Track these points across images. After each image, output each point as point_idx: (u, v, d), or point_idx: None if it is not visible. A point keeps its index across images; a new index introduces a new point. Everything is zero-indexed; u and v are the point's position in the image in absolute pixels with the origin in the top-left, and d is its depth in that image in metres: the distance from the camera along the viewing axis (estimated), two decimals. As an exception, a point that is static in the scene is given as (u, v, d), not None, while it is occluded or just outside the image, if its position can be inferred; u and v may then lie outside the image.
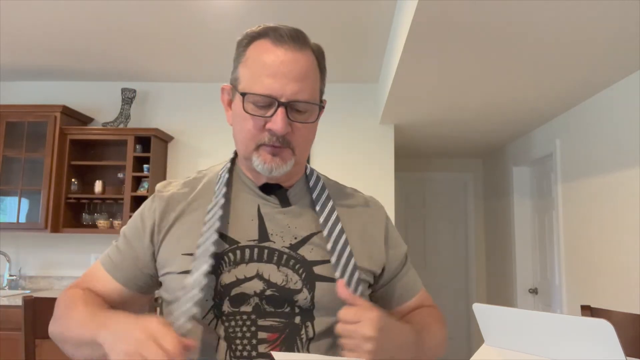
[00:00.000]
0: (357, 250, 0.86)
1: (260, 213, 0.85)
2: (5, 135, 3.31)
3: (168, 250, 0.84)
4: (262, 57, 0.79)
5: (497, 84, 2.55)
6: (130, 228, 0.90)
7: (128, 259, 0.87)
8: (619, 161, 2.49)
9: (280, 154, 0.81)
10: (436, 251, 5.11)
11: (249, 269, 0.80)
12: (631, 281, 2.36)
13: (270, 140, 0.79)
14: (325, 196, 0.90)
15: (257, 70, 0.79)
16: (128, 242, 0.88)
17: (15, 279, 3.47)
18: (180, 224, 0.85)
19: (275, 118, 0.77)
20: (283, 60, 0.78)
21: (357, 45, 2.91)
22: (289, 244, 0.83)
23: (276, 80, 0.77)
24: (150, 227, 0.86)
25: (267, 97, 0.77)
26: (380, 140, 3.61)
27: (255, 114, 0.79)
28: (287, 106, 0.78)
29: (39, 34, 2.85)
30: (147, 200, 0.92)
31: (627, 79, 2.42)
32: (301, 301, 0.80)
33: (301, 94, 0.79)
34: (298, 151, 0.83)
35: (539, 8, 1.69)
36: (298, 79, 0.78)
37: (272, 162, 0.80)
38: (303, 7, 2.44)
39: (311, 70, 0.82)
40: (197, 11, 2.51)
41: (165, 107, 3.70)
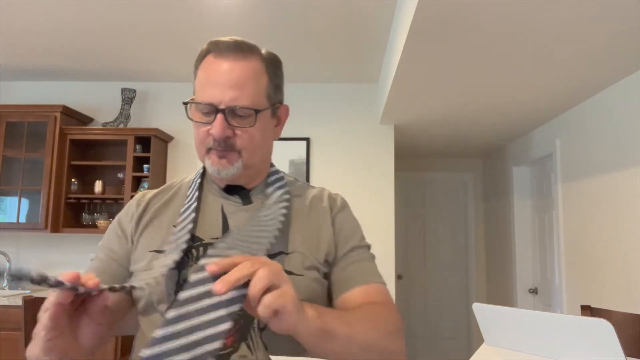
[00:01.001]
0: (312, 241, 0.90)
1: (224, 212, 0.92)
2: (5, 135, 3.31)
3: (140, 248, 0.90)
4: (206, 70, 0.87)
5: (497, 84, 2.55)
6: (109, 237, 0.95)
7: (111, 261, 0.91)
8: (619, 161, 2.49)
9: (227, 157, 0.87)
10: (436, 251, 5.11)
11: None
12: (631, 281, 2.36)
13: (214, 145, 0.86)
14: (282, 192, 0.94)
15: (201, 83, 0.87)
16: (109, 248, 0.93)
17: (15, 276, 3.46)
18: (152, 224, 0.92)
19: (215, 124, 0.84)
20: (220, 71, 0.85)
21: (357, 45, 2.91)
22: None
23: (215, 88, 0.84)
24: (130, 230, 0.93)
25: (208, 105, 0.84)
26: (380, 140, 3.61)
27: (200, 121, 0.86)
28: (226, 112, 0.84)
29: (39, 34, 2.85)
30: (123, 210, 0.99)
31: (627, 79, 2.42)
32: None
33: (240, 100, 0.84)
34: (245, 154, 0.88)
35: (539, 8, 1.69)
36: (236, 86, 0.84)
37: (219, 164, 0.87)
38: (303, 7, 2.44)
39: (251, 77, 0.87)
40: (197, 11, 2.51)
41: (165, 107, 3.70)
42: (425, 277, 5.08)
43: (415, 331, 5.00)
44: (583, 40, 1.97)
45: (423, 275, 5.08)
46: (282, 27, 2.68)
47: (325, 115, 3.64)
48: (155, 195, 0.98)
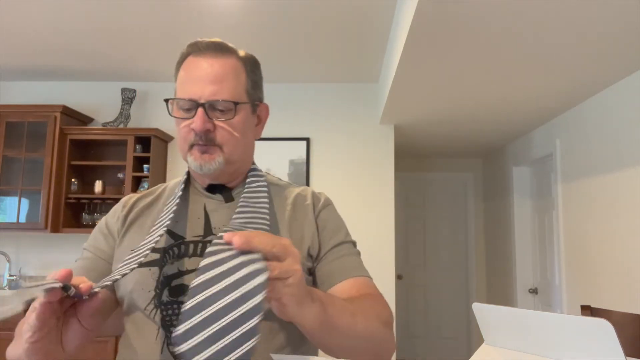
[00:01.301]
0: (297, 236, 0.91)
1: (206, 210, 0.93)
2: (5, 135, 3.31)
3: (123, 248, 0.90)
4: (186, 69, 0.89)
5: (497, 83, 2.55)
6: (96, 238, 0.95)
7: (99, 259, 0.92)
8: (619, 161, 2.49)
9: (208, 152, 0.88)
10: (436, 251, 5.11)
11: (192, 262, 0.85)
12: (631, 281, 2.36)
13: (195, 140, 0.87)
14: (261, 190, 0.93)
15: (181, 81, 0.89)
16: (96, 247, 0.93)
17: (15, 279, 3.47)
18: (136, 225, 0.93)
19: (195, 118, 0.85)
20: (199, 67, 0.88)
21: (357, 45, 2.91)
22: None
23: (195, 84, 0.86)
24: (116, 230, 0.94)
25: (188, 101, 0.86)
26: (380, 140, 3.61)
27: (181, 117, 0.88)
28: (207, 106, 0.85)
29: (39, 34, 2.85)
30: (109, 213, 1.00)
31: (627, 79, 2.42)
32: None
33: (219, 94, 0.86)
34: (226, 149, 0.89)
35: (539, 8, 1.69)
36: (215, 81, 0.86)
37: (201, 159, 0.87)
38: (303, 7, 2.44)
39: (230, 73, 0.89)
40: (197, 11, 2.51)
41: (165, 107, 3.70)
42: (425, 277, 5.08)
43: (415, 331, 4.99)
44: (583, 40, 1.97)
45: (423, 275, 5.08)
46: (282, 27, 2.68)
47: (325, 115, 3.64)
48: (140, 197, 1.00)
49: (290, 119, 3.62)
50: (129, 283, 0.85)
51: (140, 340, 0.83)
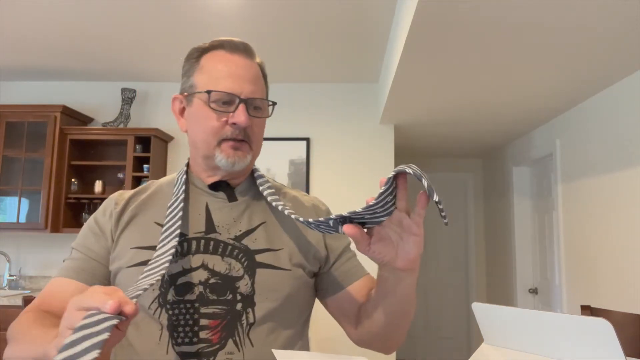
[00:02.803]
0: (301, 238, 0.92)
1: (208, 208, 0.91)
2: (5, 135, 3.31)
3: (120, 246, 0.88)
4: (219, 63, 0.89)
5: (497, 83, 2.55)
6: (86, 236, 0.92)
7: (91, 259, 0.89)
8: (619, 161, 2.49)
9: (241, 148, 0.88)
10: (436, 251, 5.11)
11: (195, 259, 0.84)
12: (631, 281, 2.36)
13: (233, 134, 0.87)
14: (270, 191, 0.95)
15: (216, 74, 0.87)
16: (87, 247, 0.90)
17: (15, 279, 3.47)
18: (133, 222, 0.90)
19: (238, 112, 0.85)
20: (239, 65, 0.88)
21: (357, 45, 2.91)
22: (234, 236, 0.88)
23: (234, 80, 0.87)
24: (110, 228, 0.90)
25: (229, 94, 0.86)
26: (380, 140, 3.61)
27: (220, 110, 0.86)
28: (246, 102, 0.87)
29: (39, 34, 2.85)
30: (97, 211, 0.96)
31: (627, 79, 2.42)
32: (242, 287, 0.84)
33: (256, 93, 0.88)
34: (254, 146, 0.91)
35: (539, 8, 1.69)
36: (252, 81, 0.88)
37: (235, 156, 0.87)
38: (303, 8, 2.44)
39: (260, 77, 0.92)
40: (197, 11, 2.51)
41: (165, 107, 3.70)
42: (425, 277, 5.08)
43: (415, 331, 4.99)
44: (583, 40, 1.97)
45: (423, 275, 5.08)
46: (282, 27, 2.68)
47: (325, 115, 3.64)
48: (133, 194, 0.96)
49: (290, 119, 3.62)
50: (130, 281, 0.82)
51: (142, 341, 0.81)
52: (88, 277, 0.87)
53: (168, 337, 0.80)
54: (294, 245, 0.90)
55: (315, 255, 0.93)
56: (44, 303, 0.86)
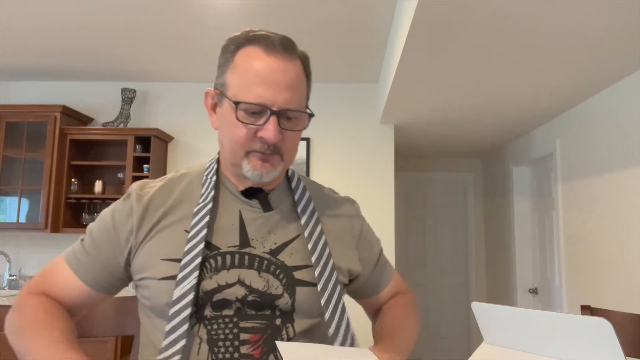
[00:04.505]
0: (336, 252, 0.89)
1: (242, 218, 0.85)
2: (5, 135, 3.31)
3: (146, 256, 0.82)
4: (253, 64, 0.80)
5: (497, 83, 2.55)
6: (100, 231, 0.87)
7: (97, 261, 0.86)
8: (619, 161, 2.49)
9: (270, 160, 0.82)
10: (436, 251, 5.11)
11: (231, 275, 0.80)
12: (631, 281, 2.36)
13: (262, 148, 0.80)
14: (307, 198, 0.92)
15: (248, 78, 0.79)
16: (97, 245, 0.86)
17: (15, 279, 3.47)
18: (159, 229, 0.84)
19: (268, 126, 0.78)
20: (275, 69, 0.79)
21: (357, 45, 2.91)
22: (269, 249, 0.83)
23: (268, 89, 0.78)
24: (126, 232, 0.85)
25: (259, 106, 0.78)
26: (380, 140, 3.61)
27: (247, 122, 0.79)
28: (279, 114, 0.79)
29: (39, 34, 2.85)
30: (119, 201, 0.89)
31: (627, 79, 2.42)
32: (282, 305, 0.81)
33: (292, 102, 0.80)
34: (286, 157, 0.84)
35: (539, 8, 1.69)
36: (289, 88, 0.80)
37: (263, 168, 0.82)
38: (303, 8, 2.44)
39: (300, 79, 0.84)
40: (197, 11, 2.51)
41: (165, 107, 3.70)
42: (425, 277, 5.07)
43: (415, 331, 4.99)
44: (583, 40, 1.97)
45: (423, 275, 5.08)
46: (282, 27, 2.68)
47: (325, 115, 3.64)
48: (158, 191, 0.88)
49: (290, 119, 3.61)
50: (162, 295, 0.79)
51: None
52: (90, 279, 0.86)
53: (207, 351, 0.77)
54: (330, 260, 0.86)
55: (350, 269, 0.92)
56: (48, 290, 0.86)
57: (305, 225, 0.87)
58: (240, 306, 0.79)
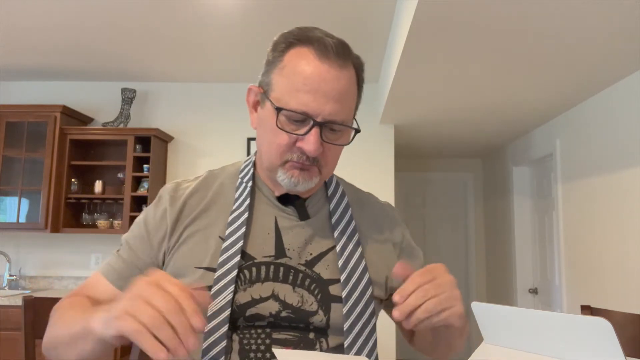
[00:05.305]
0: (374, 263, 0.85)
1: (278, 226, 0.82)
2: (5, 135, 3.31)
3: (180, 261, 0.79)
4: (303, 68, 0.74)
5: (497, 84, 2.55)
6: (135, 237, 0.84)
7: (136, 268, 0.82)
8: (619, 161, 2.49)
9: (308, 170, 0.78)
10: (436, 251, 5.10)
11: (265, 288, 0.77)
12: (631, 281, 2.36)
13: (300, 159, 0.76)
14: (343, 206, 0.88)
15: (295, 83, 0.74)
16: (133, 251, 0.83)
17: (15, 279, 3.47)
18: (193, 233, 0.81)
19: (309, 138, 0.74)
20: (325, 78, 0.74)
21: (357, 45, 2.88)
22: (305, 261, 0.80)
23: (315, 97, 0.73)
24: (160, 237, 0.81)
25: (302, 114, 0.73)
26: (380, 140, 3.61)
27: (288, 130, 0.74)
28: (322, 126, 0.74)
29: (39, 34, 2.85)
30: (151, 206, 0.86)
31: (627, 79, 2.41)
32: (316, 323, 0.78)
33: (338, 114, 0.75)
34: (325, 170, 0.80)
35: (539, 8, 1.69)
36: (337, 98, 0.74)
37: (300, 177, 0.77)
38: (303, 7, 2.44)
39: (351, 89, 0.79)
40: (197, 11, 2.51)
41: (165, 107, 3.70)
42: (425, 277, 5.07)
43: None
44: (583, 41, 1.97)
45: (423, 275, 5.08)
46: (282, 27, 2.67)
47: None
48: (193, 193, 0.84)
49: (290, 119, 3.61)
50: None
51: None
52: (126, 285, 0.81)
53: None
54: (365, 275, 0.82)
55: (388, 285, 0.87)
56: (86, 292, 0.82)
57: (339, 238, 0.83)
58: (273, 320, 0.76)
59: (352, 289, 0.79)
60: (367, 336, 0.79)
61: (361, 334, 0.78)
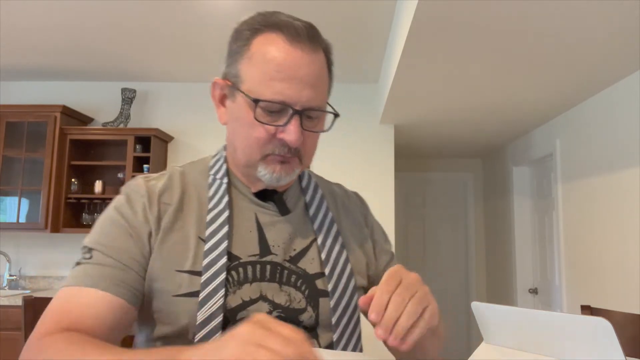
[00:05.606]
0: (354, 252, 0.84)
1: (259, 223, 0.78)
2: (5, 135, 3.31)
3: (157, 264, 0.72)
4: (274, 55, 0.70)
5: (497, 83, 2.55)
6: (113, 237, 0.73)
7: (129, 270, 0.71)
8: (619, 161, 2.49)
9: (289, 162, 0.75)
10: (436, 251, 5.11)
11: (253, 289, 0.73)
12: (631, 281, 2.36)
13: (281, 151, 0.73)
14: (319, 198, 0.86)
15: (268, 72, 0.70)
16: (121, 251, 0.71)
17: (15, 279, 3.47)
18: (169, 234, 0.74)
19: (290, 128, 0.70)
20: (298, 63, 0.70)
21: (357, 45, 2.91)
22: (289, 257, 0.77)
23: (290, 85, 0.69)
24: (147, 233, 0.73)
25: (281, 104, 0.70)
26: (380, 140, 3.61)
27: (266, 122, 0.71)
28: (301, 114, 0.71)
29: (39, 34, 2.85)
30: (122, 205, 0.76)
31: (627, 79, 2.41)
32: (306, 320, 0.75)
33: (315, 100, 0.72)
34: (305, 160, 0.78)
35: (539, 8, 1.69)
36: (313, 84, 0.71)
37: (282, 171, 0.74)
38: (303, 8, 2.44)
39: (324, 73, 0.76)
40: (197, 11, 2.51)
41: (165, 107, 3.70)
42: (425, 277, 5.04)
43: (415, 331, 4.99)
44: (583, 41, 1.97)
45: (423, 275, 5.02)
46: (282, 27, 2.68)
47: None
48: (163, 191, 0.77)
49: (290, 119, 3.61)
50: (181, 316, 0.69)
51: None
52: (128, 293, 0.69)
53: None
54: (347, 266, 0.80)
55: (368, 270, 0.85)
56: (73, 322, 0.65)
57: (319, 230, 0.81)
58: None
59: (337, 281, 0.77)
60: (353, 329, 0.78)
61: (348, 327, 0.77)
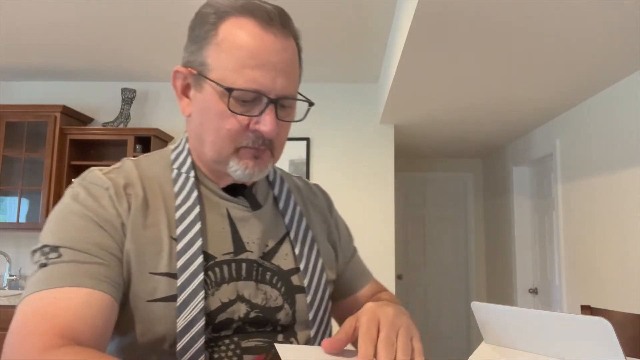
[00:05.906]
0: (322, 244, 0.82)
1: (232, 219, 0.73)
2: (5, 135, 3.31)
3: (132, 263, 0.65)
4: (246, 41, 0.65)
5: (498, 83, 2.55)
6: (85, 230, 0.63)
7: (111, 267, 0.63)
8: (619, 161, 2.49)
9: (262, 156, 0.71)
10: (436, 251, 5.11)
11: (230, 289, 0.69)
12: (631, 281, 2.36)
13: (255, 143, 0.69)
14: (286, 191, 0.83)
15: (240, 58, 0.65)
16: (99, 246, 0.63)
17: (15, 279, 3.47)
18: (142, 228, 0.67)
19: (265, 118, 0.66)
20: (271, 49, 0.66)
21: (357, 45, 2.91)
22: (262, 253, 0.74)
23: (264, 72, 0.65)
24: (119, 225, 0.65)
25: (255, 93, 0.65)
26: (380, 140, 3.61)
27: (239, 113, 0.66)
28: (276, 103, 0.67)
29: (39, 34, 2.85)
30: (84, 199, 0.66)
31: (627, 79, 2.42)
32: (283, 319, 0.72)
33: (288, 88, 0.68)
34: (276, 153, 0.74)
35: (539, 8, 1.69)
36: (286, 71, 0.68)
37: (254, 167, 0.70)
38: (303, 7, 2.44)
39: (295, 60, 0.72)
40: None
41: (165, 107, 3.70)
42: (425, 277, 5.07)
43: (415, 331, 4.99)
44: (583, 40, 1.97)
45: (423, 275, 5.08)
46: (282, 27, 2.68)
47: (325, 115, 3.64)
48: (127, 182, 0.70)
49: (290, 119, 3.61)
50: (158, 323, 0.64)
51: None
52: (113, 289, 0.62)
53: None
54: (319, 260, 0.79)
55: (338, 263, 0.86)
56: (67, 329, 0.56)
57: (290, 225, 0.79)
58: (240, 324, 0.69)
59: (312, 276, 0.76)
60: (327, 324, 0.77)
61: (323, 323, 0.76)
